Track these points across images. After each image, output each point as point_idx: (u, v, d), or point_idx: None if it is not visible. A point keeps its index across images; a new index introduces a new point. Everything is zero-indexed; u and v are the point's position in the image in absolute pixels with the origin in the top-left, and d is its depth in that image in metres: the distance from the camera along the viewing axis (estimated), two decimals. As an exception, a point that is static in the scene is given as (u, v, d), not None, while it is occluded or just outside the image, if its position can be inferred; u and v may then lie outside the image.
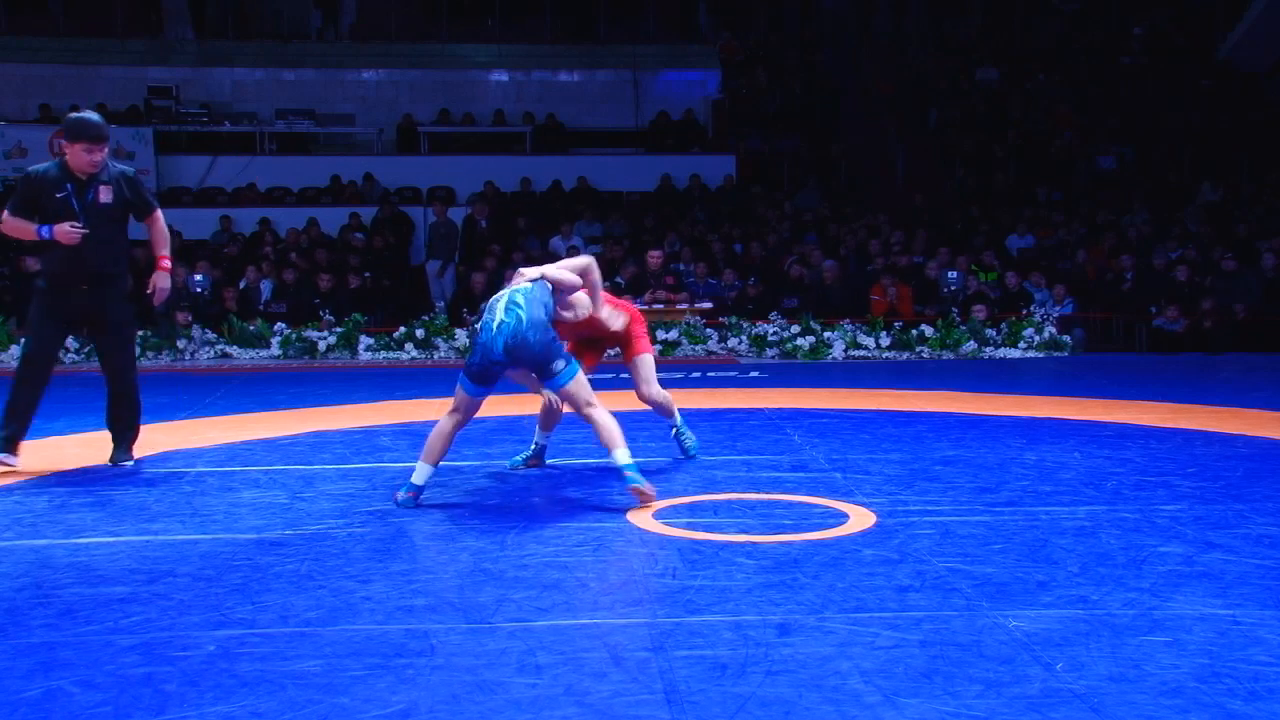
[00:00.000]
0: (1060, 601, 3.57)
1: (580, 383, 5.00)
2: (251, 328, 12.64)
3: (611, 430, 4.93)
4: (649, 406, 5.92)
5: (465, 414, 5.08)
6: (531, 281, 5.08)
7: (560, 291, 5.19)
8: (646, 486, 4.87)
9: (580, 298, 5.40)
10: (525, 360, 4.90)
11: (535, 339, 4.86)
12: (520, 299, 4.94)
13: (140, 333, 12.31)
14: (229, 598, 3.67)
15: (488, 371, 4.94)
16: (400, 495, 5.03)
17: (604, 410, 5.00)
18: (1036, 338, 12.49)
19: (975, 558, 4.07)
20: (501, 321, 4.87)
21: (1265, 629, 3.30)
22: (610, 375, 8.42)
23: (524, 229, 15.65)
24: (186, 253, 14.83)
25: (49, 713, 2.78)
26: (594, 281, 5.38)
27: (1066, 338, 12.62)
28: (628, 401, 6.19)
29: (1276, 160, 17.32)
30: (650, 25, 20.40)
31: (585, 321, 5.51)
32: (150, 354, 12.18)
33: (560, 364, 4.94)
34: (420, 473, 5.03)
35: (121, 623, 3.43)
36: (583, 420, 5.10)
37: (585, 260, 5.39)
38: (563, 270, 5.24)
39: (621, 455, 4.89)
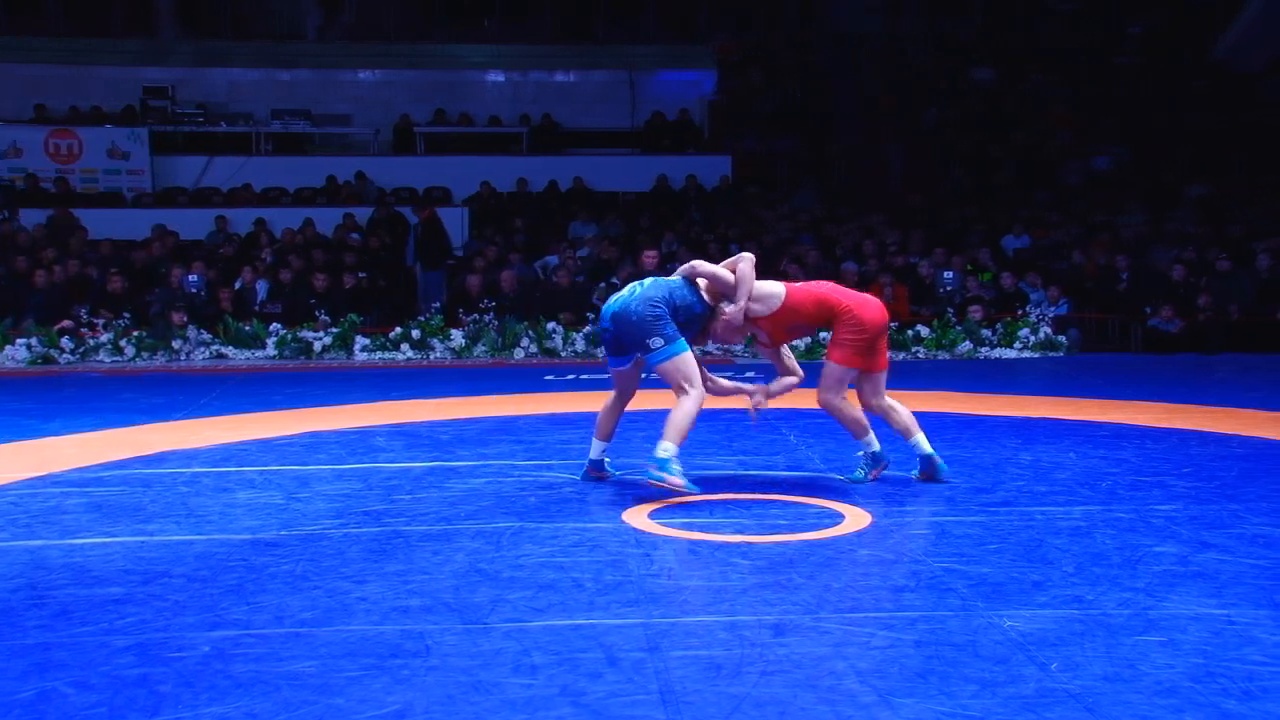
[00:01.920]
0: (1055, 601, 3.57)
1: (678, 364, 5.03)
2: (247, 328, 12.62)
3: (677, 420, 4.99)
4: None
5: (617, 389, 5.44)
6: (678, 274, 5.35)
7: (707, 286, 5.31)
8: (672, 482, 4.89)
9: (766, 290, 5.33)
10: (624, 330, 5.07)
11: (637, 310, 5.04)
12: (649, 279, 5.26)
13: (135, 333, 12.33)
14: (224, 598, 3.67)
15: (602, 338, 5.29)
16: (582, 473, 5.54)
17: (693, 401, 5.02)
18: (1032, 338, 12.50)
19: (970, 558, 4.07)
20: (620, 296, 5.17)
21: (1260, 628, 3.31)
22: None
23: (521, 228, 15.65)
24: (182, 253, 14.84)
25: (43, 714, 2.78)
26: (741, 274, 5.21)
27: (1062, 338, 12.64)
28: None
29: (1271, 161, 17.34)
30: (649, 25, 20.39)
31: (781, 312, 5.32)
32: (145, 354, 12.17)
33: (658, 341, 5.02)
34: (593, 448, 5.48)
35: (116, 624, 3.43)
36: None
37: (738, 257, 5.35)
38: (706, 265, 5.35)
39: (663, 447, 4.94)
